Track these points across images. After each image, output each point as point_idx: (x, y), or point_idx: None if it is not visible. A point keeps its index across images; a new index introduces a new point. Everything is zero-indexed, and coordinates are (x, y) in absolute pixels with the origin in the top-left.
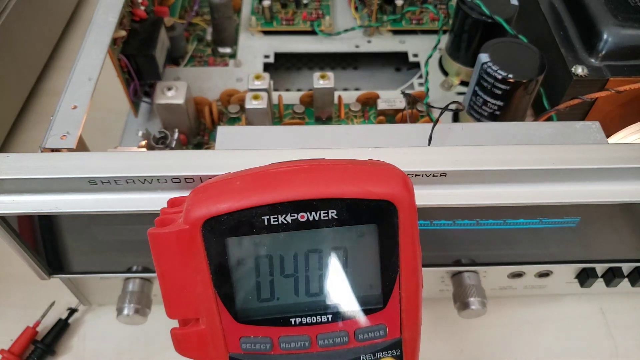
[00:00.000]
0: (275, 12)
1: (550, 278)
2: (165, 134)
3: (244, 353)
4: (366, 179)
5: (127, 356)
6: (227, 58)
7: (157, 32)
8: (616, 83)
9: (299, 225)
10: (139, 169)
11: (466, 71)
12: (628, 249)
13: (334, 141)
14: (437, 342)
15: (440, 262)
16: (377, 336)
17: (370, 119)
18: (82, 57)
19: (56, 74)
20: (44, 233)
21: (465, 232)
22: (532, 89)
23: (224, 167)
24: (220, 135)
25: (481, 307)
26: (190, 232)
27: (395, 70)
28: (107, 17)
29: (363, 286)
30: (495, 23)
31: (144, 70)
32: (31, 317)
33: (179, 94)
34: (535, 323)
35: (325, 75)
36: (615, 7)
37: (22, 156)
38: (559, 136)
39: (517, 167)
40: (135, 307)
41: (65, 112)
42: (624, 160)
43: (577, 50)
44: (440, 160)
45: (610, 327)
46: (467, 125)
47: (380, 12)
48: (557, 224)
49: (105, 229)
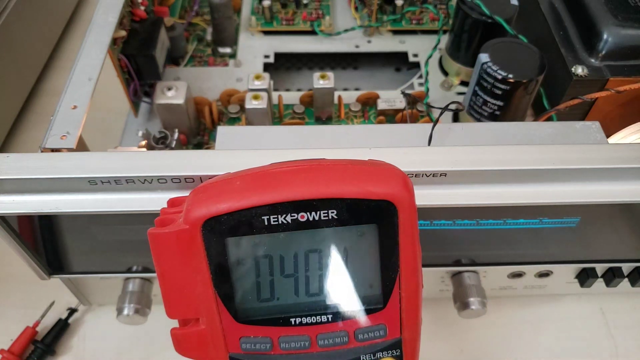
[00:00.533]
0: (275, 12)
1: (550, 278)
2: (165, 134)
3: (244, 353)
4: (366, 179)
5: (127, 356)
6: (227, 58)
7: (157, 32)
8: (616, 83)
9: (299, 225)
10: (139, 169)
11: (466, 71)
12: (628, 249)
13: (334, 141)
14: (437, 342)
15: (440, 262)
16: (377, 336)
17: (370, 119)
18: (82, 57)
19: (56, 74)
20: (44, 233)
21: (465, 232)
22: (532, 89)
23: (224, 167)
24: (220, 135)
25: (481, 307)
26: (190, 232)
27: (395, 70)
28: (107, 17)
29: (363, 286)
30: (495, 23)
31: (144, 70)
32: (31, 317)
33: (179, 94)
34: (535, 323)
35: (325, 75)
36: (615, 7)
37: (22, 156)
38: (559, 136)
39: (517, 167)
40: (135, 307)
41: (65, 112)
42: (624, 160)
43: (577, 50)
44: (440, 160)
45: (610, 327)
46: (467, 125)
47: (380, 12)
48: (557, 224)
49: (105, 229)
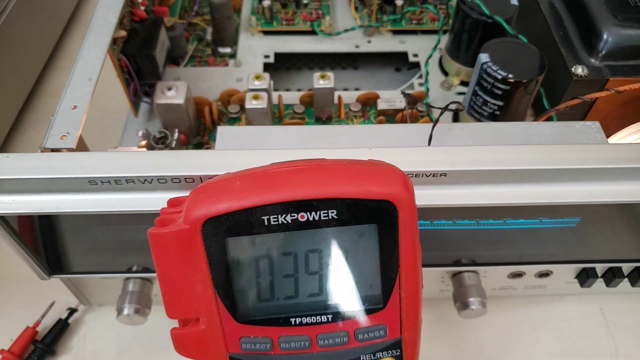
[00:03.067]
0: (275, 12)
1: (550, 278)
2: (165, 134)
3: (244, 353)
4: (366, 179)
5: (127, 356)
6: (227, 58)
7: (157, 32)
8: (616, 83)
9: (299, 225)
10: (139, 169)
11: (466, 71)
12: (628, 249)
13: (334, 141)
14: (437, 342)
15: (440, 262)
16: (377, 336)
17: (370, 119)
18: (82, 57)
19: (56, 74)
20: (44, 233)
21: (465, 232)
22: (532, 89)
23: (224, 167)
24: (220, 135)
25: (481, 307)
26: (190, 232)
27: (395, 70)
28: (107, 17)
29: (363, 286)
30: (495, 23)
31: (144, 70)
32: (31, 317)
33: (179, 94)
34: (535, 323)
35: (325, 75)
36: (615, 7)
37: (22, 156)
38: (559, 136)
39: (517, 167)
40: (135, 307)
41: (65, 112)
42: (624, 160)
43: (577, 50)
44: (440, 160)
45: (610, 327)
46: (467, 125)
47: (380, 12)
48: (557, 224)
49: (105, 229)
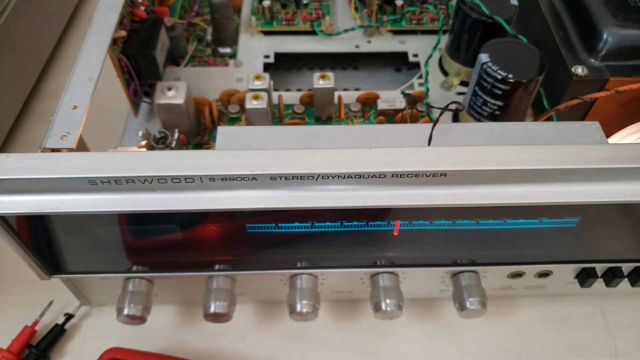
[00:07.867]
0: (275, 12)
1: (550, 278)
2: (165, 134)
3: None
4: None
5: None
6: (227, 58)
7: (157, 32)
8: (616, 83)
9: None
10: (139, 169)
11: (466, 71)
12: (628, 249)
13: (334, 141)
14: (437, 342)
15: (440, 262)
16: None
17: (370, 119)
18: (82, 57)
19: (56, 74)
20: (44, 233)
21: (465, 232)
22: (532, 89)
23: (224, 167)
24: (220, 135)
25: (481, 307)
26: None
27: (395, 70)
28: (107, 17)
29: None
30: (495, 23)
31: (144, 70)
32: (31, 317)
33: (179, 94)
34: (535, 323)
35: (325, 75)
36: (615, 7)
37: (22, 156)
38: (559, 136)
39: (517, 167)
40: (135, 307)
41: (65, 112)
42: (624, 160)
43: (577, 50)
44: (440, 160)
45: (610, 327)
46: (467, 125)
47: (380, 12)
48: (557, 224)
49: (105, 229)
